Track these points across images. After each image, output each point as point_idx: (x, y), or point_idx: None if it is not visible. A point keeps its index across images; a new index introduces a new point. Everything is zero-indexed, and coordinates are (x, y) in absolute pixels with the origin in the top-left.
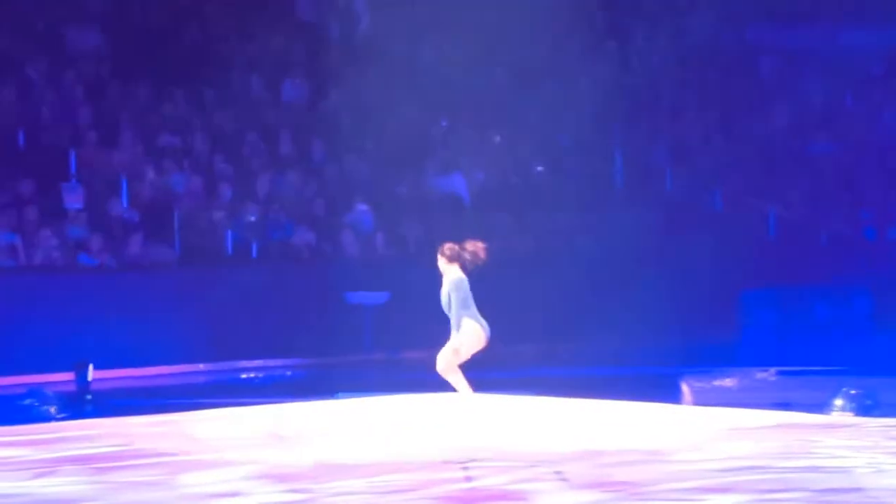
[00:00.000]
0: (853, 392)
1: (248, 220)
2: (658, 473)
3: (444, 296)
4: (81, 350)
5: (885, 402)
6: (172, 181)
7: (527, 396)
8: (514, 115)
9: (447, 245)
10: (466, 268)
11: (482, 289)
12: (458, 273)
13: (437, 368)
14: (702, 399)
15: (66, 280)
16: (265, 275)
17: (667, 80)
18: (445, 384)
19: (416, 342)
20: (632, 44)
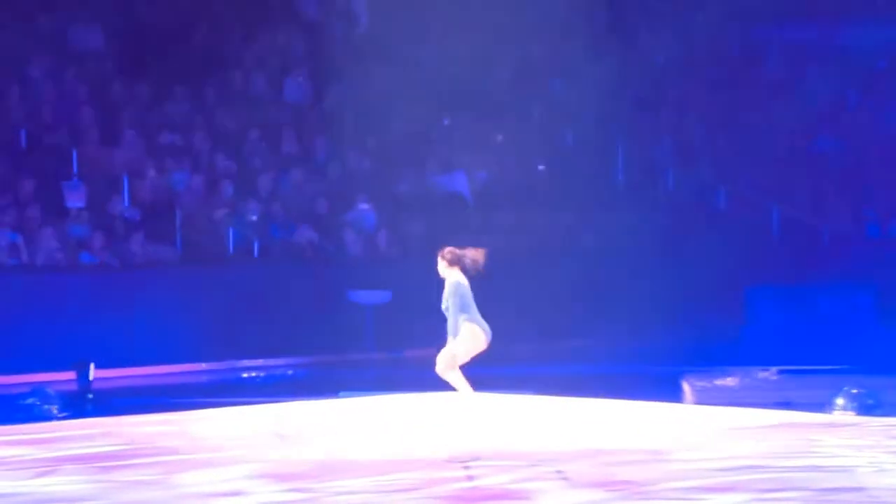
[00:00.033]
0: (855, 391)
1: (250, 219)
2: (660, 472)
3: (445, 299)
4: (83, 349)
5: (887, 402)
6: (174, 180)
7: (528, 395)
8: (517, 114)
9: (447, 249)
10: (467, 272)
11: (484, 288)
12: (458, 277)
13: (437, 369)
14: (703, 398)
15: (68, 279)
16: (267, 273)
17: (670, 78)
18: (448, 383)
19: (418, 341)
20: (635, 42)
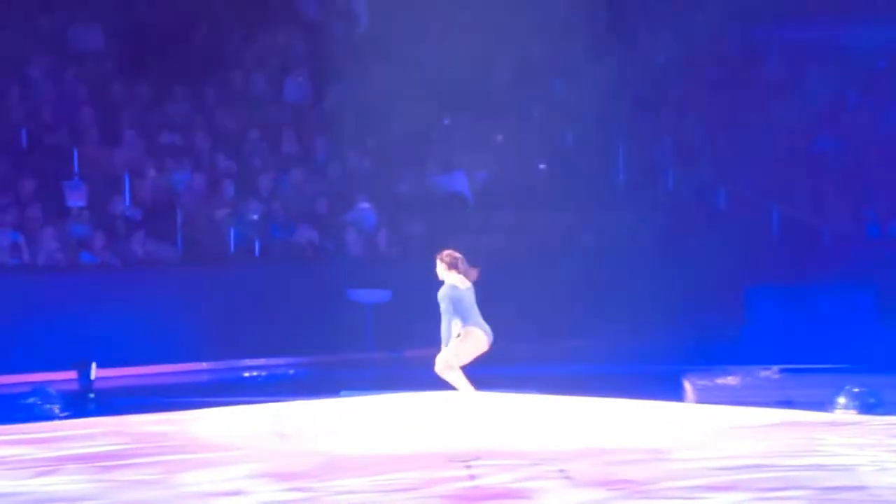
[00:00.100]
0: (856, 390)
1: (251, 219)
2: (661, 471)
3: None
4: (84, 348)
5: (889, 401)
6: (175, 179)
7: (530, 394)
8: (517, 114)
9: (446, 252)
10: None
11: (484, 288)
12: (456, 280)
13: (436, 369)
14: (704, 397)
15: (69, 278)
16: (268, 273)
17: (670, 78)
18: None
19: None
20: (635, 42)
